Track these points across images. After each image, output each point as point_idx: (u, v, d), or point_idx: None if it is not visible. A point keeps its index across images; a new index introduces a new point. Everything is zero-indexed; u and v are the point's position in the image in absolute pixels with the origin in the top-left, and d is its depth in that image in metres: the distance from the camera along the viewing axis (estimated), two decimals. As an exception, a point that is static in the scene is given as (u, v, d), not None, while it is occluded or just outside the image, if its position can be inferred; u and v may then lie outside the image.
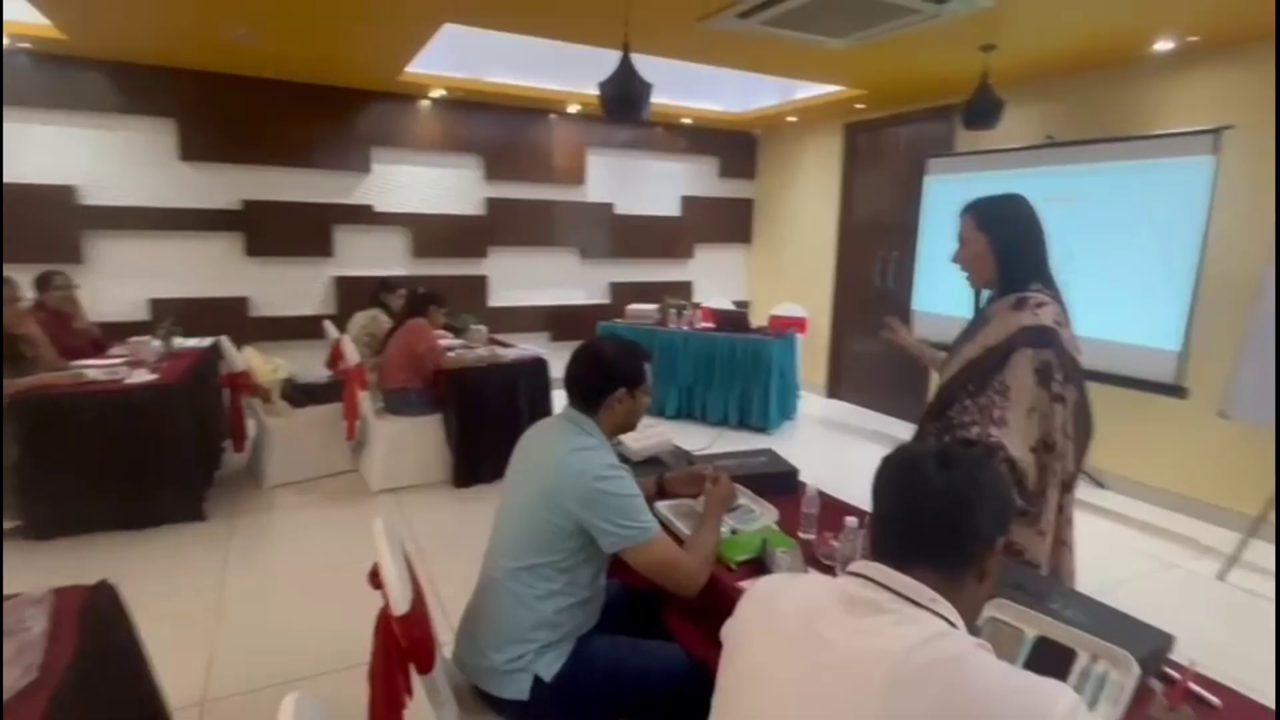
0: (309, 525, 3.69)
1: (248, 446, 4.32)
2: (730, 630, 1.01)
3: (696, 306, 6.04)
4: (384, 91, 5.60)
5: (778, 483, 2.06)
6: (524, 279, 6.50)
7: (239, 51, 4.52)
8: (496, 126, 6.12)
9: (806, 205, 6.80)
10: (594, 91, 3.09)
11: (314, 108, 5.44)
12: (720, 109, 6.54)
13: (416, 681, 1.41)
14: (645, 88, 2.95)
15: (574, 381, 1.66)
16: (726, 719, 0.96)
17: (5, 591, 1.44)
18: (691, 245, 7.24)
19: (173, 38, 4.30)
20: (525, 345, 4.90)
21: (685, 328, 5.66)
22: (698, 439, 5.12)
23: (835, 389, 6.60)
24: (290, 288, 5.60)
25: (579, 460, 1.53)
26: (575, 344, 6.14)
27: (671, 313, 5.77)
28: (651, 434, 2.75)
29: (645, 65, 3.13)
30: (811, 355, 6.59)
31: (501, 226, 6.28)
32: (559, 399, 4.50)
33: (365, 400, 4.07)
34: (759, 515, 1.85)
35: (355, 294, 5.51)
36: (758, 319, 6.59)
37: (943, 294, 4.86)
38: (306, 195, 5.53)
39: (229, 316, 5.29)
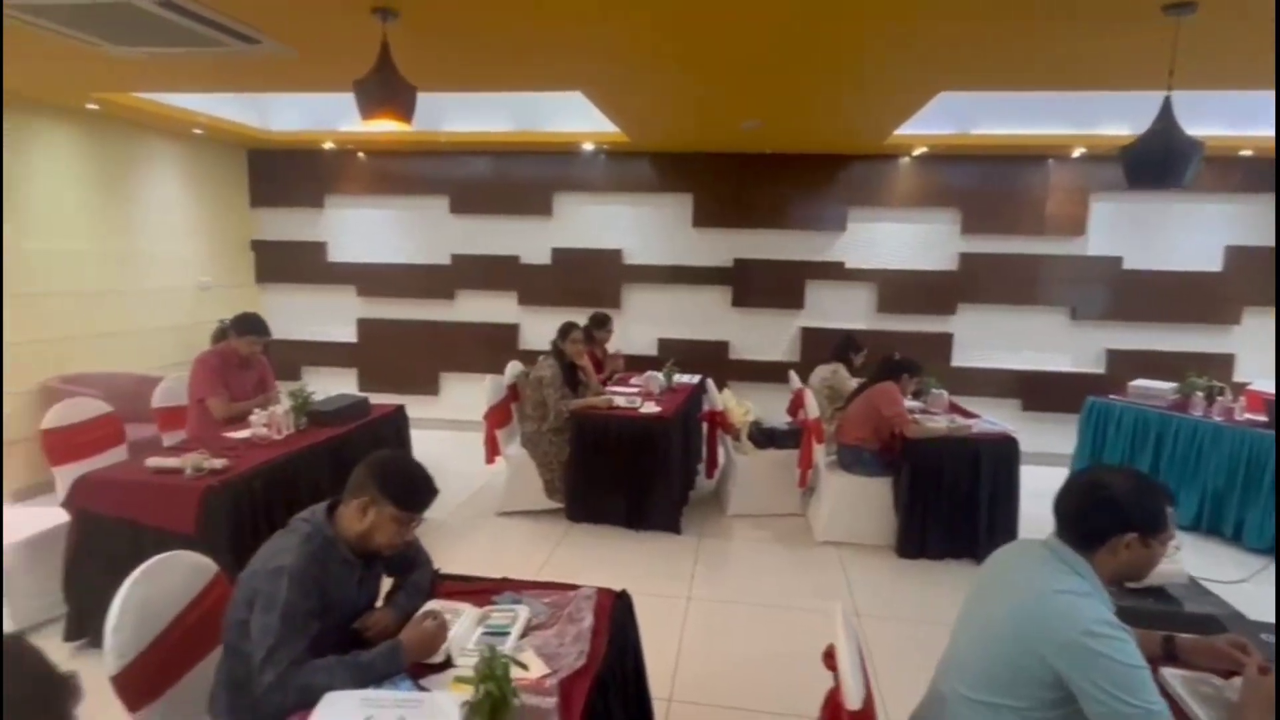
0: (760, 558, 4.04)
1: (716, 474, 4.97)
2: None
3: (1240, 390, 4.67)
4: (865, 154, 5.83)
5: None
6: (996, 339, 5.96)
7: (746, 135, 5.26)
8: (979, 178, 5.79)
9: None
10: (1105, 132, 2.64)
11: (799, 174, 5.98)
12: (1304, 133, 4.95)
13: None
14: (1192, 149, 2.37)
15: (1071, 516, 1.47)
16: None
17: (560, 573, 1.97)
18: (1238, 309, 5.63)
19: (697, 131, 5.26)
20: (989, 417, 4.49)
21: (1217, 418, 4.42)
22: (1226, 567, 3.96)
23: None
24: (763, 335, 6.25)
25: (1065, 605, 1.35)
26: (1050, 416, 5.44)
27: (1197, 396, 4.57)
28: (1156, 558, 2.26)
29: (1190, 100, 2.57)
30: None
31: (975, 282, 5.90)
32: (1028, 481, 4.03)
33: (820, 451, 4.28)
34: (1338, 736, 1.35)
35: (819, 345, 5.85)
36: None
37: None
38: (786, 253, 6.11)
39: (713, 357, 6.17)
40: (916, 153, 5.71)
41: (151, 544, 2.71)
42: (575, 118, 5.53)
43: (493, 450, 4.55)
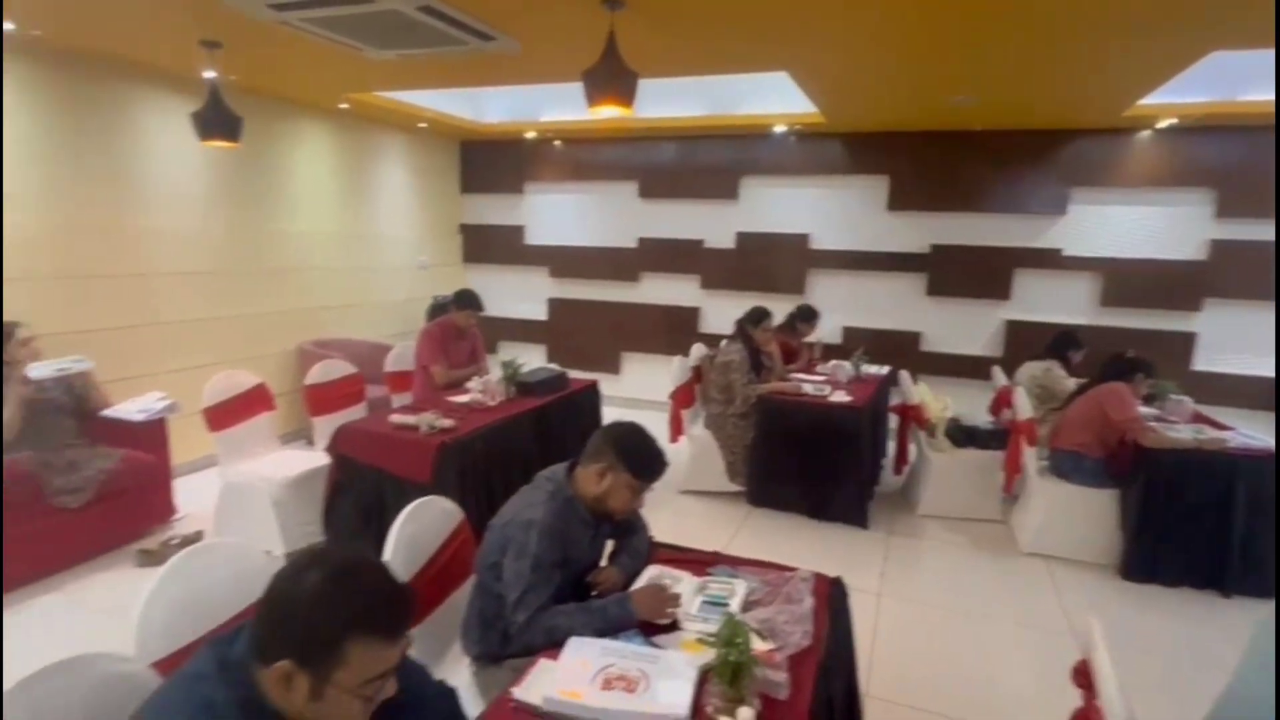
0: (955, 563, 3.80)
1: (905, 471, 4.73)
2: None
3: None
4: (1094, 128, 5.20)
5: None
6: (1254, 341, 5.10)
7: (951, 112, 4.89)
8: (1244, 153, 4.95)
9: None
10: None
11: (1012, 152, 5.46)
12: None
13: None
14: None
15: None
16: None
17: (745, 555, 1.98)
18: None
19: (899, 108, 4.95)
20: (1246, 431, 3.86)
21: None
22: None
23: None
24: (961, 327, 5.82)
25: None
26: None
27: None
28: None
29: None
30: None
31: (1229, 274, 5.08)
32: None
33: (1029, 456, 3.93)
34: None
35: (1027, 340, 5.35)
36: None
37: None
38: (991, 239, 5.63)
39: (902, 348, 5.86)
40: (1162, 125, 5.00)
41: (392, 489, 3.10)
42: (766, 100, 5.45)
43: (677, 429, 4.65)
